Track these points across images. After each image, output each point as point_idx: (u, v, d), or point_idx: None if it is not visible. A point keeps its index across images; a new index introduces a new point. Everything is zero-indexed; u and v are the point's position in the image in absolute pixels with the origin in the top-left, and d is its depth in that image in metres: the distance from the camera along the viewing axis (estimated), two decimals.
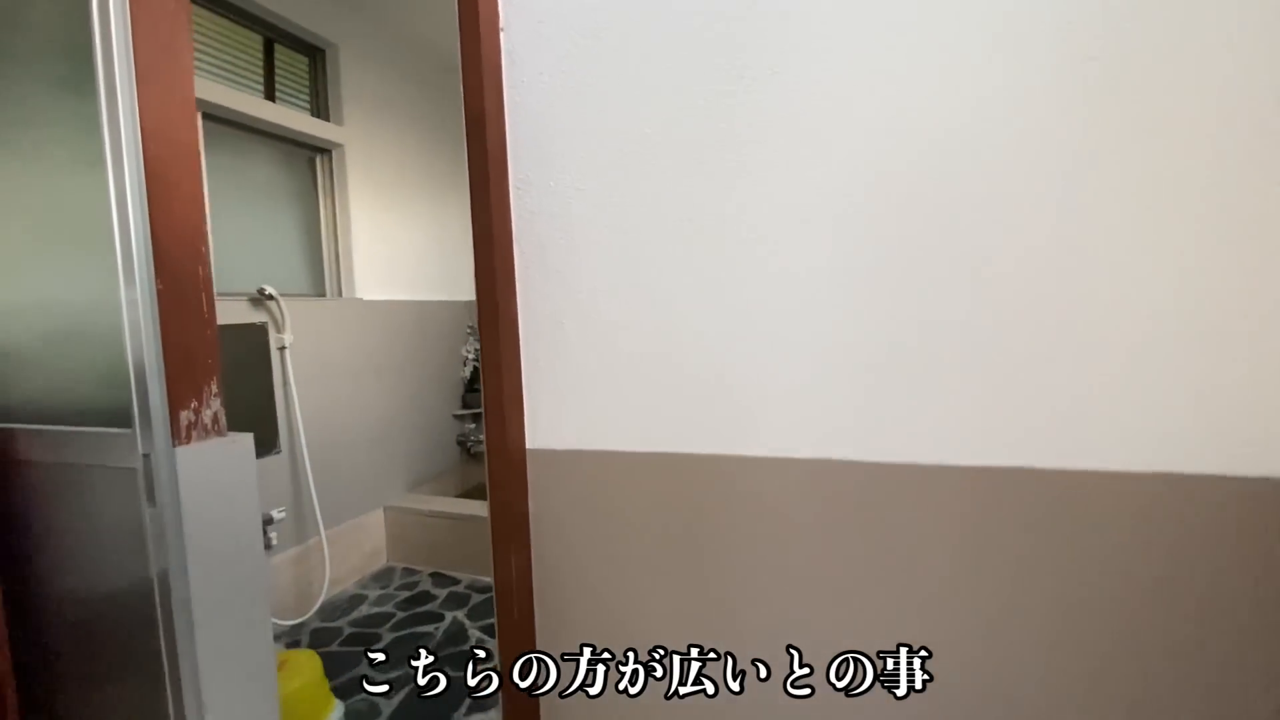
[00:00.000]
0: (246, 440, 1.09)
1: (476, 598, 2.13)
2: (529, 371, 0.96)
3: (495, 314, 0.92)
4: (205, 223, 1.06)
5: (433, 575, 2.32)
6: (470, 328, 3.02)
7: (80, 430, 1.06)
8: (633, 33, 0.85)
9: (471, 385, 2.96)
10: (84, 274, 1.01)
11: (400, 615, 2.03)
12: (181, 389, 1.00)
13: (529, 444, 0.98)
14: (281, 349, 1.99)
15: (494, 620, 1.89)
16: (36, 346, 1.09)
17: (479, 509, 2.33)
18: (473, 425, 2.98)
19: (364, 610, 2.09)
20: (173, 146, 0.98)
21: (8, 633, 1.08)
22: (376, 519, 2.44)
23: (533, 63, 0.89)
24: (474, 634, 1.90)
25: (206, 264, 1.04)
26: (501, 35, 0.90)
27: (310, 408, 2.11)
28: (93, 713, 1.11)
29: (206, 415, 1.03)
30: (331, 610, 2.08)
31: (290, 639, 1.91)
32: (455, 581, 2.26)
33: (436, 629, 1.93)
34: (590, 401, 0.93)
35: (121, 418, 1.01)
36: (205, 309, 1.03)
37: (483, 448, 2.72)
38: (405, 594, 2.19)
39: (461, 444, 2.98)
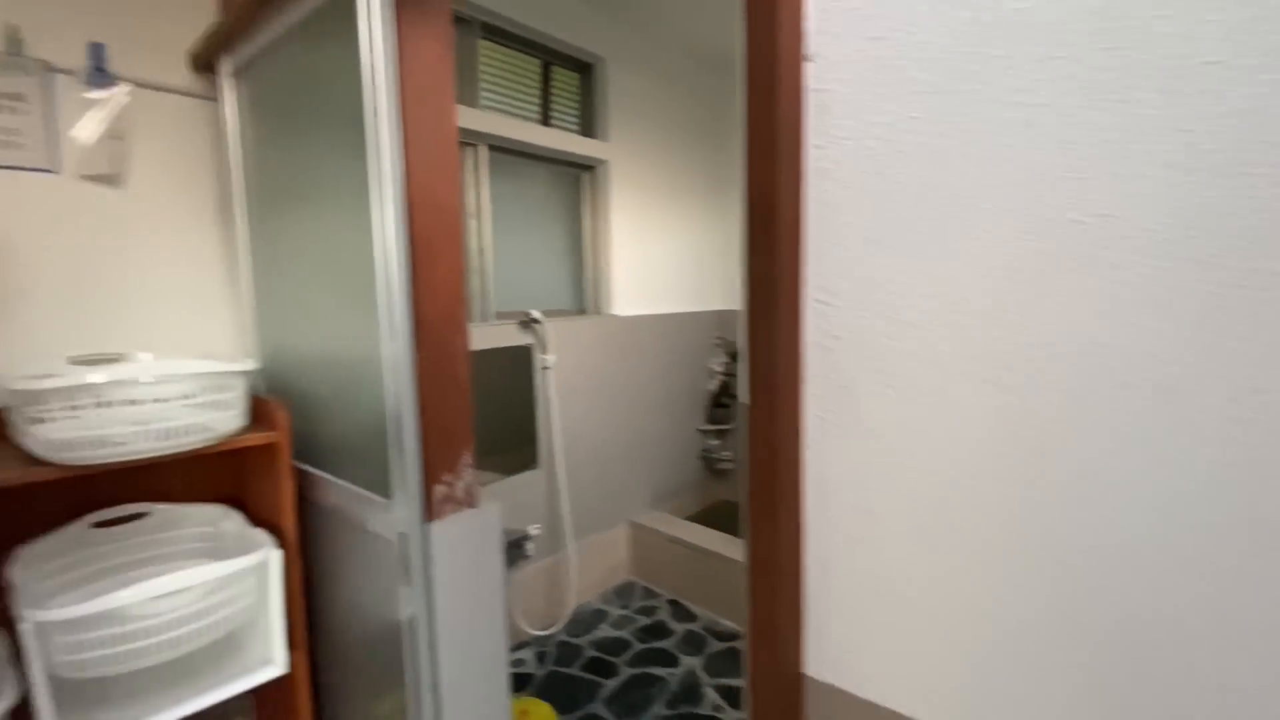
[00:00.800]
0: (494, 512, 1.05)
1: (713, 644, 1.99)
2: (815, 577, 0.65)
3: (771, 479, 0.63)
4: (465, 292, 1.03)
5: (671, 604, 2.26)
6: (718, 339, 2.87)
7: (351, 488, 1.14)
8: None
9: (718, 400, 2.83)
10: (359, 338, 1.06)
11: (638, 647, 2.00)
12: (437, 463, 0.98)
13: (807, 669, 0.68)
14: (544, 369, 2.05)
15: (733, 681, 1.71)
16: (327, 397, 1.21)
17: (720, 543, 2.19)
18: (716, 441, 2.85)
19: (605, 630, 2.10)
20: (438, 215, 0.95)
21: (307, 635, 1.23)
22: (621, 534, 2.46)
23: (857, 117, 0.58)
24: (710, 694, 1.76)
25: (464, 333, 1.01)
26: (808, 69, 0.62)
27: (566, 424, 2.17)
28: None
29: (459, 488, 1.01)
30: (576, 624, 2.14)
31: (538, 648, 2.00)
32: (693, 617, 2.16)
33: (671, 676, 1.84)
34: (908, 628, 0.59)
35: (382, 484, 1.05)
36: (461, 378, 1.00)
37: (728, 465, 2.52)
38: (644, 619, 2.16)
39: (705, 459, 2.87)
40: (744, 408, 0.63)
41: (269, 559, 1.04)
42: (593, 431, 2.31)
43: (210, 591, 0.95)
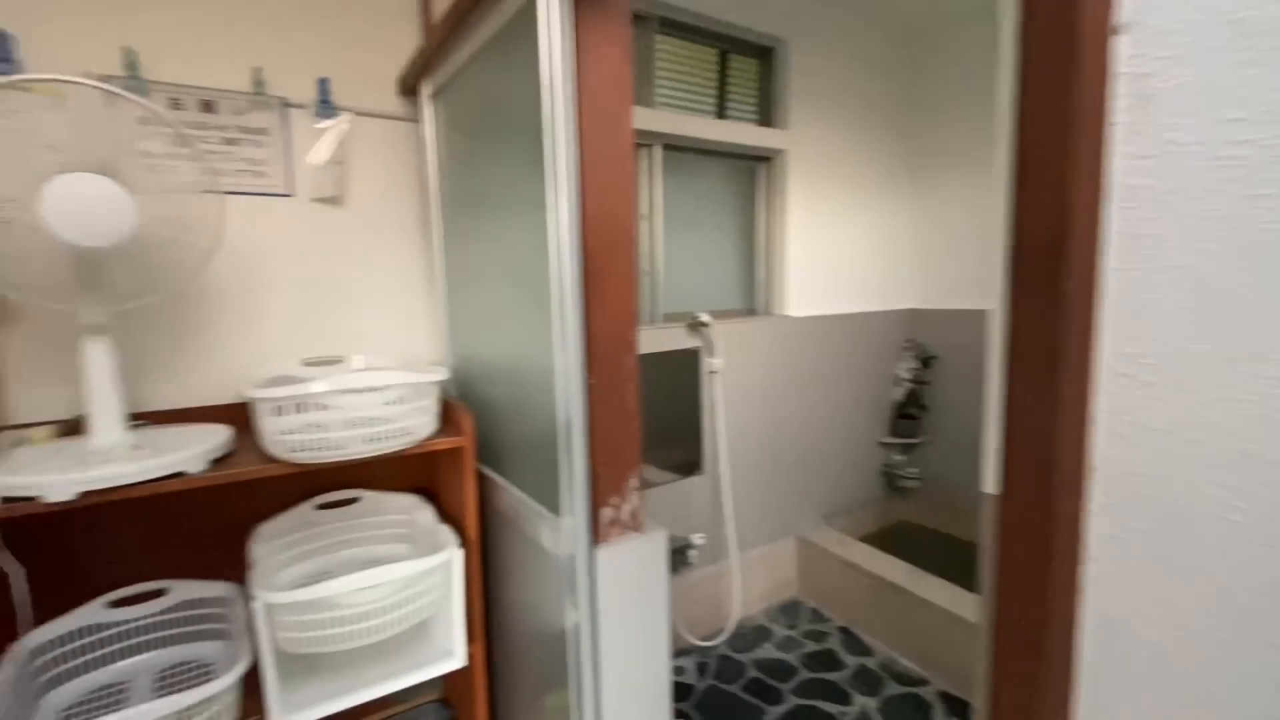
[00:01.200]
0: (660, 540, 1.00)
1: (891, 688, 1.79)
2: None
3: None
4: (636, 308, 0.98)
5: (843, 632, 2.08)
6: (908, 342, 2.58)
7: (524, 498, 1.15)
8: None
9: (904, 410, 2.54)
10: (535, 349, 1.06)
11: (805, 676, 1.86)
12: (606, 484, 0.95)
13: None
14: (711, 374, 1.98)
15: None
16: (506, 406, 1.24)
17: (904, 575, 1.96)
18: (901, 456, 2.57)
19: (769, 651, 1.99)
20: (611, 229, 0.91)
21: (485, 629, 1.28)
22: (788, 549, 2.31)
23: (1201, 113, 0.40)
24: None
25: (634, 352, 0.97)
26: (1118, 44, 0.45)
27: (733, 430, 2.07)
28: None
29: (626, 511, 0.97)
30: (739, 639, 2.05)
31: (699, 658, 1.95)
32: (868, 651, 1.96)
33: (842, 716, 1.68)
34: None
35: (552, 498, 1.05)
36: (630, 400, 0.96)
37: (912, 482, 2.25)
38: (812, 645, 2.01)
39: (886, 475, 2.61)
40: (992, 499, 0.49)
41: (453, 558, 1.09)
42: (761, 439, 2.19)
43: (405, 585, 1.01)
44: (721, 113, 2.14)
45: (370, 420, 1.03)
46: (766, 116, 2.23)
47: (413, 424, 1.08)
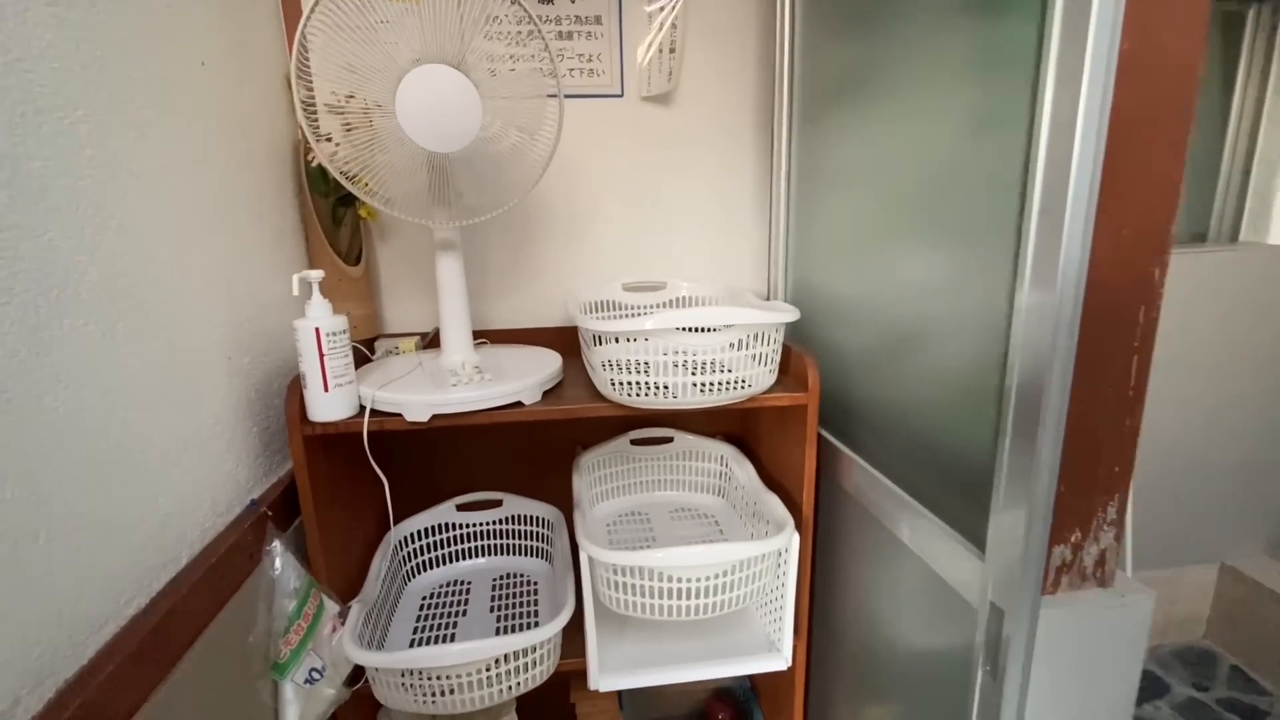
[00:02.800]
0: (1144, 607, 0.63)
1: None
2: None
3: None
4: (1172, 228, 0.58)
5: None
6: None
7: (893, 491, 0.86)
8: None
9: None
10: (950, 283, 0.73)
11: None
12: (1069, 510, 0.62)
13: None
14: None
15: None
16: (873, 358, 0.94)
17: None
18: None
19: (1164, 713, 1.45)
20: (1162, 87, 0.52)
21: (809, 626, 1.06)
22: (1204, 577, 1.65)
23: None
24: None
25: (1158, 295, 0.58)
26: None
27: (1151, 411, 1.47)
28: None
29: (1090, 554, 0.62)
30: None
31: None
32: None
33: None
34: None
35: (950, 506, 0.73)
36: (1139, 379, 0.59)
37: None
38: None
39: None
40: None
41: (792, 543, 0.88)
42: (1185, 426, 1.54)
43: (739, 567, 0.84)
44: None
45: (707, 366, 0.85)
46: None
47: (751, 373, 0.86)
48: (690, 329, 0.81)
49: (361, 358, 1.03)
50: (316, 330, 0.78)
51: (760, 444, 1.15)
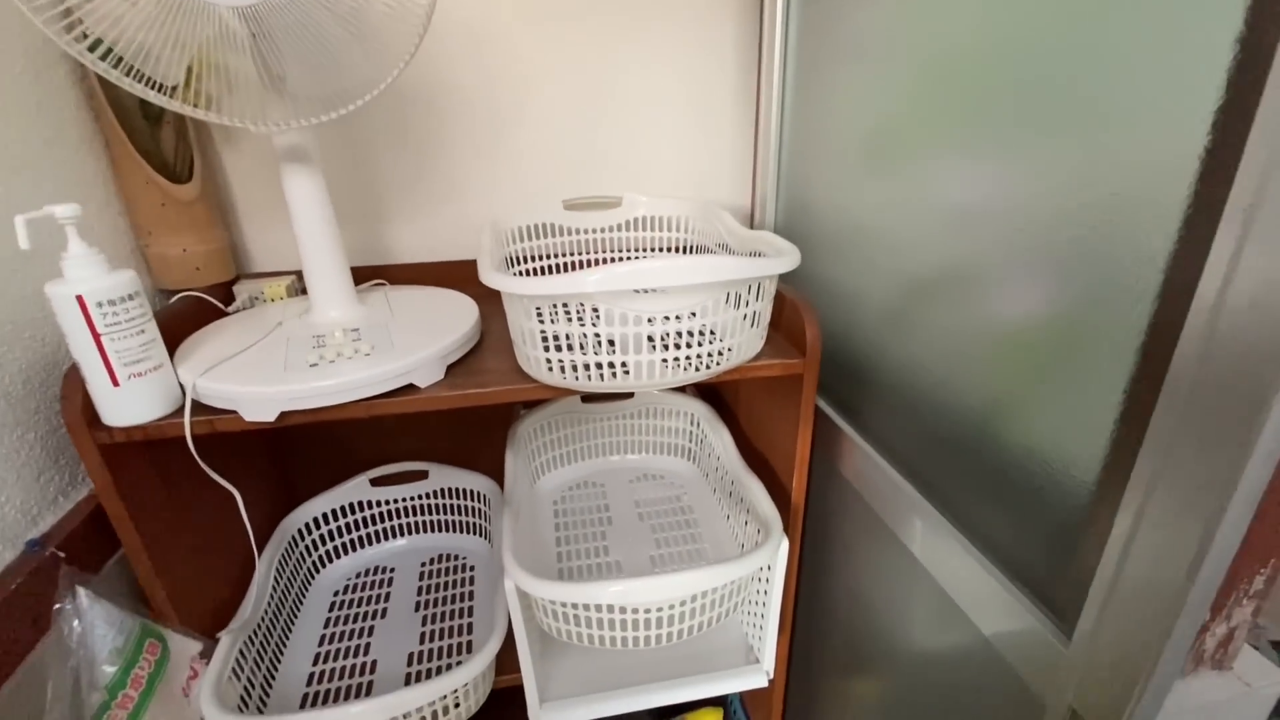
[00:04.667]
0: (1269, 699, 0.46)
1: None
2: None
3: None
4: None
5: None
6: None
7: (915, 500, 0.62)
8: None
9: None
10: (1074, 207, 0.46)
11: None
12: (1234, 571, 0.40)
13: None
14: None
15: None
16: (900, 314, 0.70)
17: None
18: None
19: None
20: None
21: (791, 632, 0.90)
22: None
23: None
24: None
25: None
26: None
27: None
28: None
29: (1220, 630, 0.44)
30: None
31: None
32: None
33: None
34: None
35: (1034, 564, 0.52)
36: None
37: None
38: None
39: None
40: None
41: (780, 551, 0.69)
42: None
43: (706, 593, 0.65)
44: None
45: (673, 334, 0.61)
46: None
47: (735, 341, 0.63)
48: (646, 291, 0.56)
49: (207, 313, 0.76)
50: (80, 300, 0.51)
51: (740, 406, 0.94)
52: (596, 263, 0.90)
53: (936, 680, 0.62)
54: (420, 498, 0.99)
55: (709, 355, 0.62)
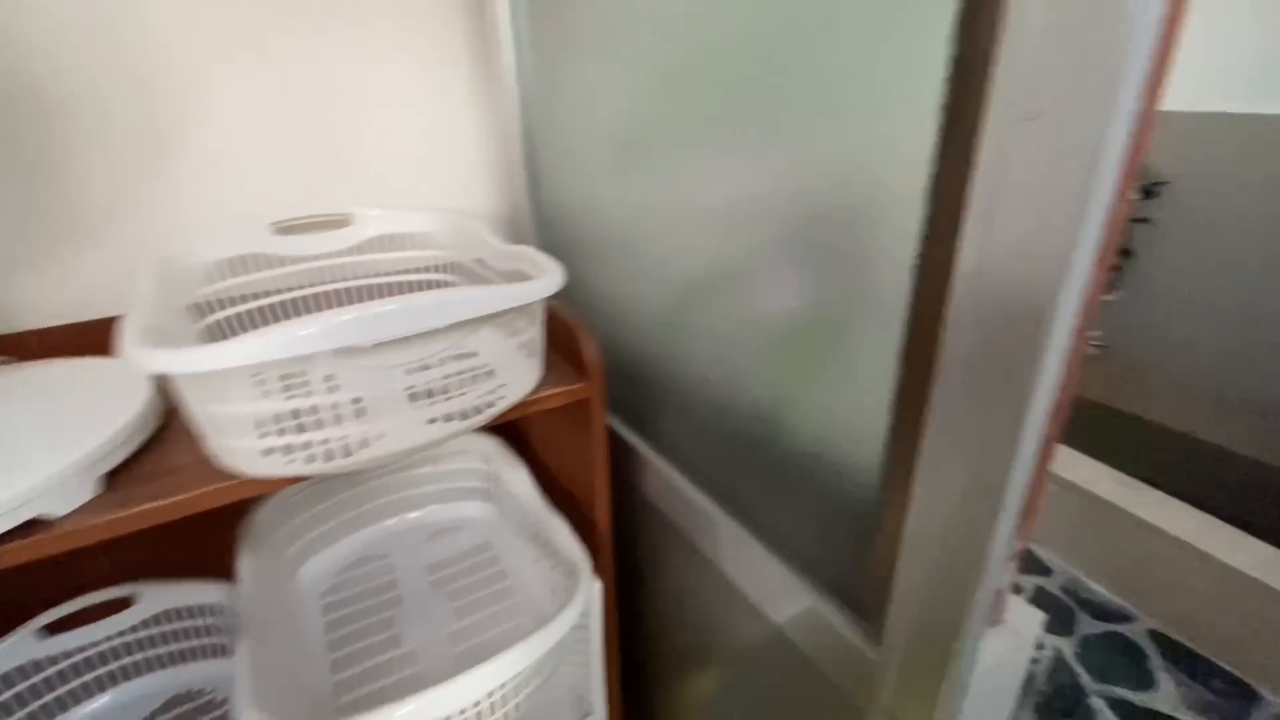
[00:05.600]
0: (1032, 630, 0.50)
1: (1088, 624, 1.43)
2: None
3: None
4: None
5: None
6: None
7: (716, 518, 0.62)
8: None
9: None
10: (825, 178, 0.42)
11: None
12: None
13: None
14: None
15: (1129, 694, 1.16)
16: (686, 316, 0.67)
17: (1101, 482, 1.52)
18: None
19: None
20: None
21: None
22: None
23: None
24: (1099, 709, 1.25)
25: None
26: None
27: None
28: None
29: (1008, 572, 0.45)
30: None
31: None
32: (1044, 569, 1.59)
33: (1034, 663, 1.35)
34: None
35: (846, 588, 0.50)
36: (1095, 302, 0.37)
37: (1093, 349, 1.76)
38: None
39: None
40: None
41: (593, 598, 0.62)
42: None
43: (520, 672, 0.56)
44: None
45: (441, 381, 0.50)
46: None
47: (506, 379, 0.54)
48: (392, 341, 0.44)
49: None
50: None
51: (534, 434, 0.85)
52: (326, 298, 0.74)
53: (761, 698, 0.61)
54: (128, 631, 0.74)
55: (482, 399, 0.53)
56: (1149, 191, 1.80)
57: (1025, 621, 0.49)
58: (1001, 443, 0.33)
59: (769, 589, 0.53)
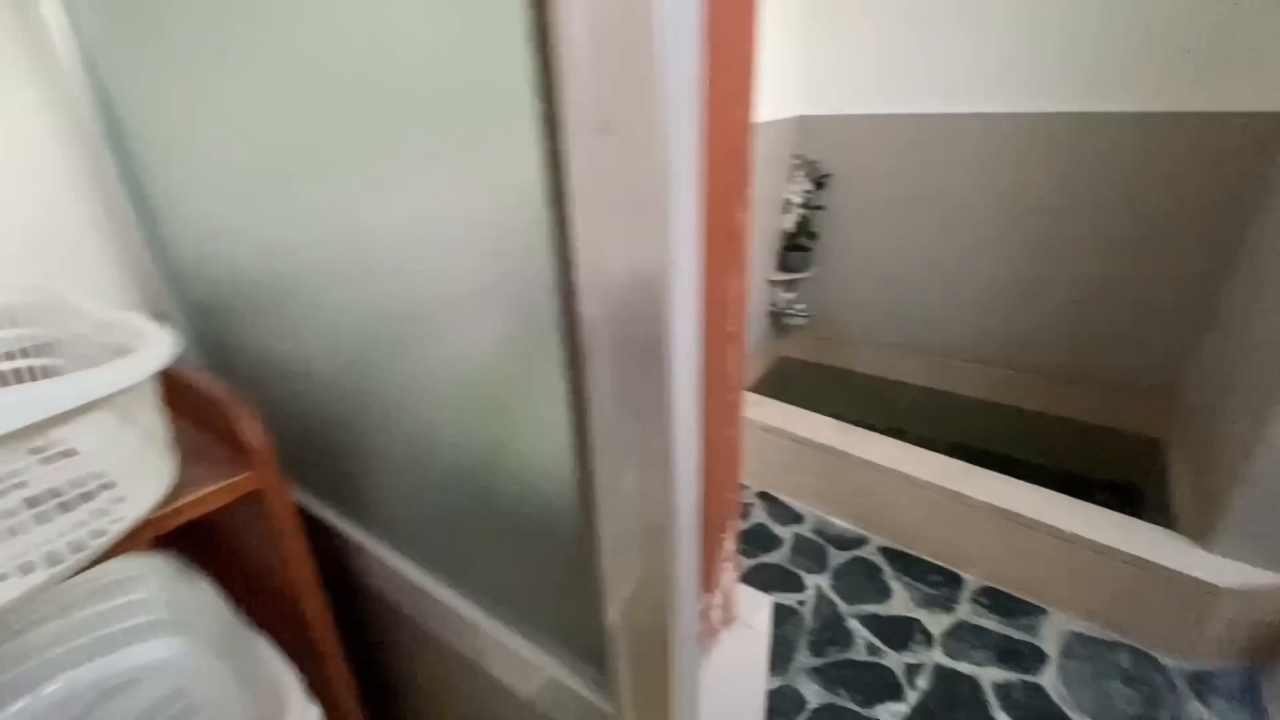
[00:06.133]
0: (764, 630, 0.52)
1: (835, 555, 1.65)
2: None
3: None
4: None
5: (763, 498, 1.89)
6: (796, 159, 2.18)
7: (422, 582, 0.54)
8: None
9: (793, 241, 2.23)
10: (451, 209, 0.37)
11: (746, 563, 1.65)
12: (712, 535, 0.40)
13: None
14: None
15: (876, 608, 1.35)
16: (353, 360, 0.57)
17: (815, 427, 1.77)
18: (790, 294, 2.32)
19: None
20: None
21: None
22: None
23: None
24: (858, 631, 1.44)
25: (748, 180, 0.36)
26: None
27: None
28: None
29: (718, 599, 0.47)
30: None
31: None
32: (796, 518, 1.80)
33: (802, 605, 1.51)
34: None
35: (576, 641, 0.45)
36: (737, 317, 0.39)
37: (800, 319, 2.02)
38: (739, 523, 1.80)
39: (773, 315, 2.36)
40: None
41: None
42: None
43: None
44: None
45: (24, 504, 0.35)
46: None
47: (130, 482, 0.41)
48: None
49: None
50: None
51: (216, 534, 0.69)
52: None
53: None
54: None
55: (93, 520, 0.39)
56: (820, 183, 2.16)
57: (757, 613, 0.51)
58: (658, 445, 0.32)
59: (510, 663, 0.47)
